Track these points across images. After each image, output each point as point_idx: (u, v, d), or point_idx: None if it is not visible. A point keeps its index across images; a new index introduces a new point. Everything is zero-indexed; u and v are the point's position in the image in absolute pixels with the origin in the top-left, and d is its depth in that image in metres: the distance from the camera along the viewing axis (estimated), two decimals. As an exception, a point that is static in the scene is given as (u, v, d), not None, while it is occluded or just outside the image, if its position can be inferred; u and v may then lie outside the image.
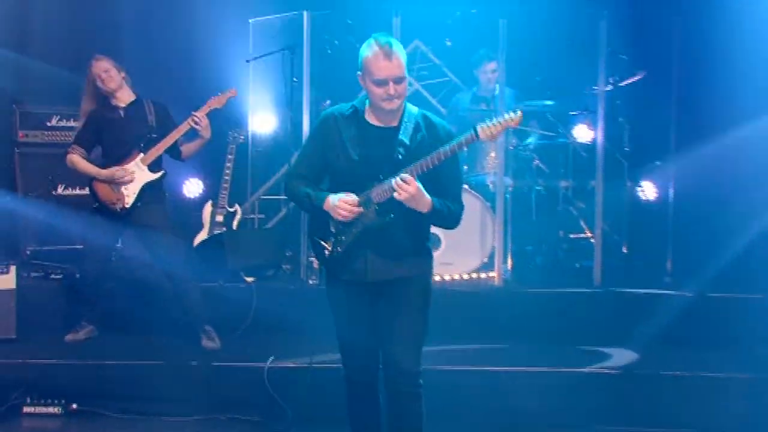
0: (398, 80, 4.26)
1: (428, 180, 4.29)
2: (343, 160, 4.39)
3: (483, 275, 7.75)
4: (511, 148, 8.11)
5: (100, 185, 6.77)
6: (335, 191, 4.41)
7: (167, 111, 7.00)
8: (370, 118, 4.45)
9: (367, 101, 4.49)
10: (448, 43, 9.00)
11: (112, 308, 7.02)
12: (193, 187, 9.01)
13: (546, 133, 8.44)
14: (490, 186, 7.97)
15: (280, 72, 7.30)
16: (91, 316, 7.00)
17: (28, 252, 7.96)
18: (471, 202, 7.70)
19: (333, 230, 4.44)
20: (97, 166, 6.80)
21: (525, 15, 7.84)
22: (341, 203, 4.32)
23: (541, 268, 8.18)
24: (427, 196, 4.25)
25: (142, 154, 6.79)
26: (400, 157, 4.28)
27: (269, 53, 7.48)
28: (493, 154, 7.99)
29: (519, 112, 4.08)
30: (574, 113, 8.37)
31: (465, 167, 8.15)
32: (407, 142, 4.33)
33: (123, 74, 6.84)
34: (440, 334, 5.39)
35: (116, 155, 6.81)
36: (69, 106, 7.76)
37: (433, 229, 4.83)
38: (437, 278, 7.72)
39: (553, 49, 8.49)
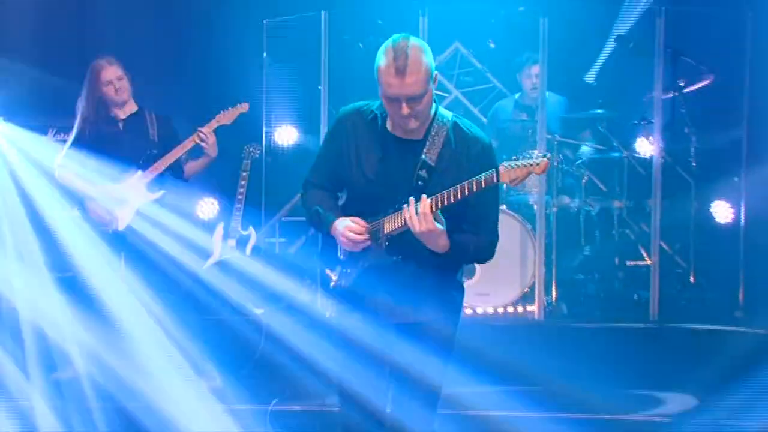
0: (413, 99, 3.99)
1: (456, 205, 4.06)
2: (357, 176, 4.20)
3: (522, 308, 7.65)
4: (556, 163, 7.90)
5: (93, 204, 6.74)
6: (350, 209, 4.24)
7: (171, 124, 7.01)
8: (393, 128, 4.19)
9: None
10: (492, 45, 8.97)
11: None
12: (207, 208, 8.94)
13: (598, 146, 8.28)
14: (535, 207, 7.78)
15: (299, 76, 7.36)
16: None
17: None
18: (510, 224, 7.62)
19: (341, 258, 4.27)
20: (89, 183, 6.78)
21: (574, 12, 7.80)
22: (346, 231, 4.14)
23: (593, 299, 8.00)
24: (444, 237, 4.03)
25: (140, 172, 6.78)
26: (420, 182, 4.07)
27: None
28: (536, 170, 7.77)
29: (544, 160, 3.83)
30: (635, 123, 8.15)
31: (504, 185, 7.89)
32: (431, 162, 4.10)
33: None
34: (470, 373, 5.37)
35: (113, 173, 6.78)
36: (67, 118, 7.39)
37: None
38: (469, 311, 7.62)
39: (609, 51, 8.40)
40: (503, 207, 7.66)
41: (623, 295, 8.01)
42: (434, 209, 3.93)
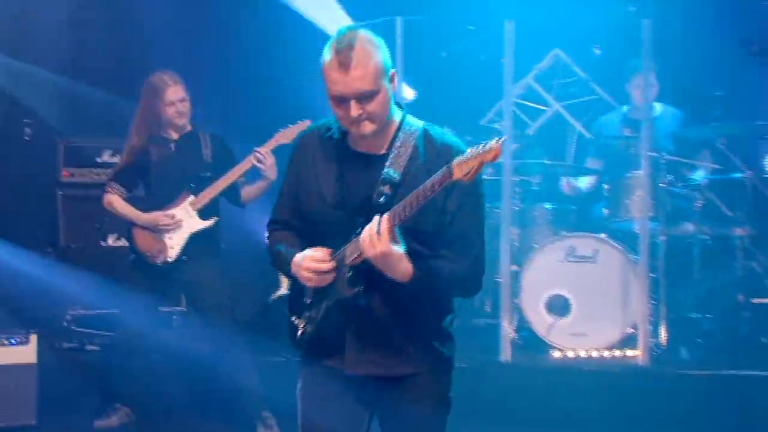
0: (363, 97, 3.75)
1: (430, 228, 3.80)
2: (317, 202, 3.95)
3: (624, 352, 7.41)
4: (663, 185, 7.46)
5: (140, 232, 6.70)
6: (316, 243, 3.95)
7: (226, 145, 6.88)
8: (354, 142, 3.96)
9: None
10: (597, 52, 8.63)
11: (151, 386, 6.99)
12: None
13: (715, 166, 7.93)
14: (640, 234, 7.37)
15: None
16: (126, 397, 6.93)
17: (68, 317, 7.97)
18: (611, 255, 7.41)
19: (307, 301, 3.99)
20: (138, 208, 6.74)
21: (688, 14, 7.53)
22: (306, 261, 3.86)
23: (710, 342, 7.61)
24: (405, 261, 3.72)
25: (192, 197, 6.68)
26: (381, 200, 3.78)
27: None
28: (639, 193, 7.46)
29: (498, 141, 3.53)
30: (762, 138, 7.95)
31: (605, 211, 7.66)
32: (395, 177, 3.82)
33: None
34: (560, 426, 5.33)
35: (161, 197, 6.71)
36: (122, 139, 7.33)
37: (562, 288, 4.41)
38: (558, 354, 7.39)
39: (730, 57, 8.08)
40: (602, 236, 7.48)
41: (748, 338, 7.61)
42: (391, 226, 3.65)
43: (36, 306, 7.56)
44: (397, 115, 3.90)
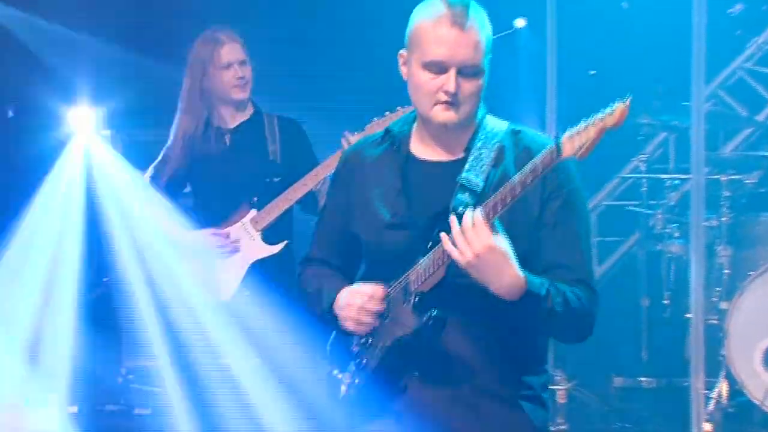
0: (467, 72, 3.75)
1: (519, 239, 3.69)
2: (371, 224, 3.98)
3: None
4: None
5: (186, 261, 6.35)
6: (370, 277, 3.98)
7: (302, 135, 6.41)
8: (418, 149, 3.97)
9: (415, 121, 4.05)
10: None
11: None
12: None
13: None
14: None
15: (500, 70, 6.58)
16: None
17: (123, 370, 7.75)
18: None
19: (355, 349, 4.02)
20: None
21: None
22: (350, 296, 3.87)
23: None
24: (514, 262, 3.58)
25: (254, 211, 6.16)
26: (461, 209, 3.70)
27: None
28: None
29: (620, 105, 3.46)
30: None
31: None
32: (476, 185, 3.80)
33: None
34: None
35: (212, 210, 6.24)
36: None
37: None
38: None
39: None
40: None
41: None
42: (489, 220, 3.59)
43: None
44: (479, 112, 3.91)
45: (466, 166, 3.84)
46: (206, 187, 6.26)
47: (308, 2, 8.68)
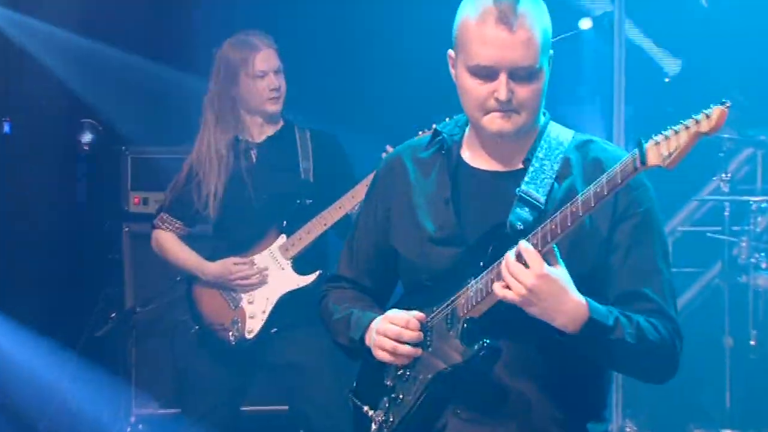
0: (521, 74, 3.68)
1: (581, 269, 3.63)
2: (412, 239, 3.93)
3: None
4: None
5: (205, 292, 6.16)
6: (410, 300, 3.94)
7: (338, 151, 6.33)
8: (470, 156, 3.92)
9: (467, 124, 4.04)
10: None
11: None
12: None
13: None
14: None
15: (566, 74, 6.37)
16: None
17: (132, 419, 7.51)
18: None
19: (389, 383, 3.95)
20: (203, 255, 6.22)
21: None
22: (384, 323, 3.80)
23: None
24: (572, 287, 3.49)
25: (283, 237, 6.11)
26: (520, 225, 3.69)
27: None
28: None
29: (716, 109, 3.28)
30: None
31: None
32: (537, 199, 3.75)
33: None
34: None
35: (237, 236, 6.15)
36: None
37: None
38: None
39: None
40: None
41: None
42: (542, 248, 3.51)
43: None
44: (540, 118, 3.89)
45: (526, 178, 3.71)
46: (228, 210, 6.07)
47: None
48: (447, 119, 4.94)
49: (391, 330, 3.75)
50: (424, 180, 3.93)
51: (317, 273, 5.99)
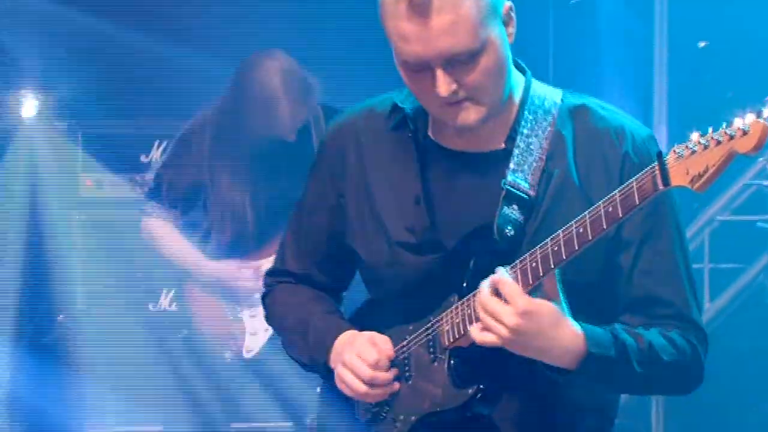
0: (456, 61, 3.25)
1: (583, 275, 3.32)
2: (375, 243, 3.52)
3: None
4: None
5: (200, 294, 6.17)
6: (373, 313, 3.58)
7: None
8: (439, 133, 3.49)
9: None
10: None
11: None
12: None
13: None
14: None
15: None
16: None
17: None
18: None
19: (364, 418, 3.60)
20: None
21: None
22: (352, 361, 3.39)
23: None
24: (566, 322, 3.15)
25: None
26: (509, 230, 3.34)
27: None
28: None
29: (759, 123, 2.93)
30: None
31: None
32: (527, 189, 3.40)
33: None
34: None
35: (241, 236, 6.16)
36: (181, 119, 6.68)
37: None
38: None
39: None
40: None
41: None
42: (533, 281, 3.19)
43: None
44: (517, 82, 3.46)
45: (511, 165, 3.37)
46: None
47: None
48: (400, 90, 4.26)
49: (362, 370, 3.40)
50: (386, 167, 3.53)
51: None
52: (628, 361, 3.23)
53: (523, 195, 3.38)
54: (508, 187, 3.32)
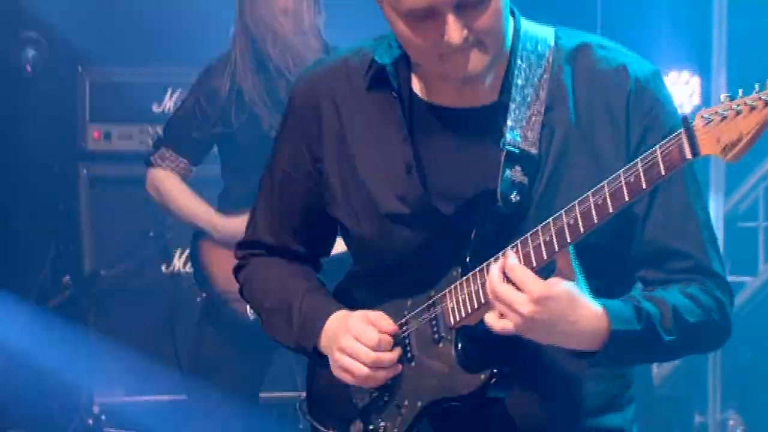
0: (468, 2, 3.07)
1: (598, 237, 3.10)
2: (363, 213, 3.35)
3: None
4: None
5: (217, 252, 5.91)
6: (362, 287, 3.39)
7: None
8: (425, 88, 3.34)
9: None
10: None
11: None
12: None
13: None
14: None
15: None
16: None
17: (96, 409, 7.04)
18: None
19: (358, 403, 3.42)
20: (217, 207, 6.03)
21: None
22: (352, 346, 3.22)
23: None
24: (585, 301, 3.03)
25: None
26: (515, 196, 3.22)
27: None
28: None
29: None
30: None
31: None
32: (529, 146, 3.26)
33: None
34: None
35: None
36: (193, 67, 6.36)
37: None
38: None
39: None
40: None
41: None
42: (548, 257, 3.05)
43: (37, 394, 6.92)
44: (509, 25, 3.35)
45: (509, 122, 3.20)
46: (247, 163, 5.65)
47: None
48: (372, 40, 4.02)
49: (364, 354, 3.21)
50: (369, 129, 3.35)
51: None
52: (655, 332, 3.10)
53: (525, 155, 3.25)
54: (509, 147, 3.19)
